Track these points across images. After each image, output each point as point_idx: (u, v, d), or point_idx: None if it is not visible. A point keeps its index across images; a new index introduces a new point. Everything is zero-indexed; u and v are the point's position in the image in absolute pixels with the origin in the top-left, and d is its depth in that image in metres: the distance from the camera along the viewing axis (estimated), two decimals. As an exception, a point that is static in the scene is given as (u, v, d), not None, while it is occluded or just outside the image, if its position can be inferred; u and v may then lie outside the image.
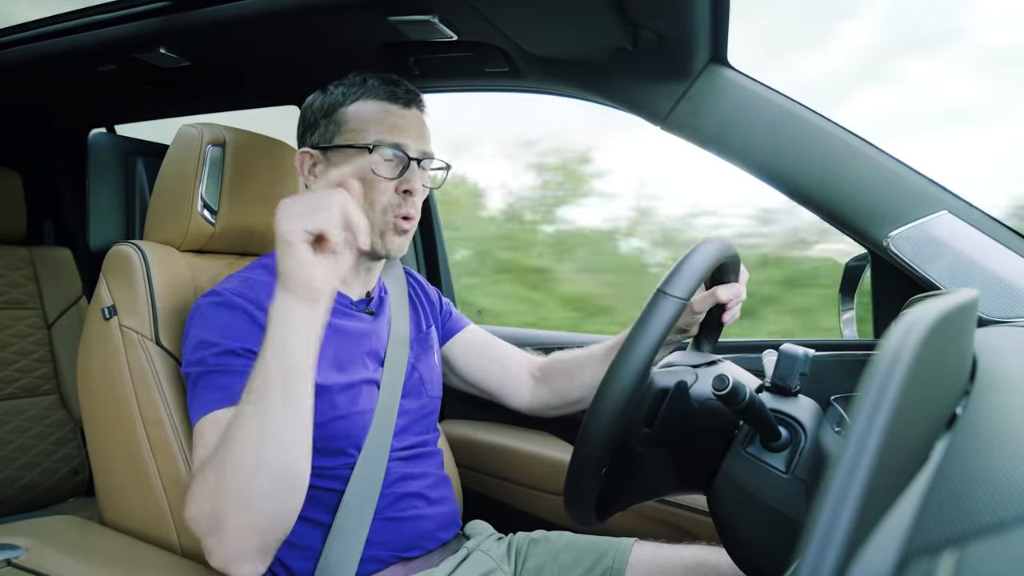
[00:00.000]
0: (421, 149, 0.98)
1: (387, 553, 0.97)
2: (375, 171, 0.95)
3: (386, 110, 0.97)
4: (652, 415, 0.81)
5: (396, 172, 0.96)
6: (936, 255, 1.02)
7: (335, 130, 0.98)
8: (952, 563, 0.25)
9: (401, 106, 0.98)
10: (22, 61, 1.42)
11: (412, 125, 0.98)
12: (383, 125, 0.96)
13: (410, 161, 0.96)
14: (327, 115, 0.99)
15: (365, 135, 0.96)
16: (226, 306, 0.90)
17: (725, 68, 1.14)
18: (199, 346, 0.88)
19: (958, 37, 2.86)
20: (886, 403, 0.29)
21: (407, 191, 0.96)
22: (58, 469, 1.80)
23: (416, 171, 0.97)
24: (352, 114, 0.98)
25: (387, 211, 0.96)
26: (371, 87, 0.98)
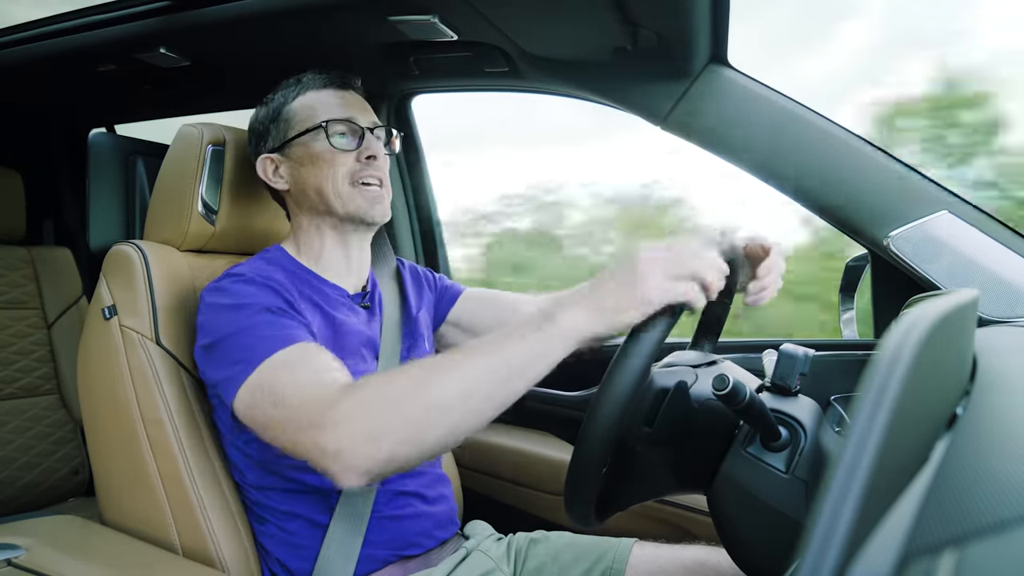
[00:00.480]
0: (371, 120, 1.03)
1: (385, 552, 0.97)
2: (334, 145, 0.99)
3: (328, 94, 1.03)
4: (652, 415, 0.81)
5: (354, 143, 1.00)
6: (936, 255, 1.02)
7: (286, 128, 1.02)
8: (952, 563, 0.25)
9: (339, 88, 1.04)
10: (22, 61, 1.42)
11: (355, 102, 1.04)
12: (328, 105, 1.01)
13: (364, 130, 1.01)
14: (274, 119, 1.04)
15: (315, 118, 1.00)
16: (249, 281, 0.91)
17: (725, 68, 1.14)
18: (231, 310, 0.87)
19: (959, 39, 2.86)
20: (886, 403, 0.29)
21: (369, 156, 1.00)
22: (58, 469, 1.80)
23: (372, 138, 1.01)
24: (297, 108, 1.03)
25: (351, 178, 0.99)
26: (307, 81, 1.04)
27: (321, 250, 1.04)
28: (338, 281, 1.04)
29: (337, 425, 0.72)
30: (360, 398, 0.73)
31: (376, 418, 0.71)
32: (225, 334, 0.86)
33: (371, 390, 0.74)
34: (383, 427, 0.71)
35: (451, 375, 0.72)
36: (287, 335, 0.84)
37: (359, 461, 0.71)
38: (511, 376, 0.71)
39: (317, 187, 0.99)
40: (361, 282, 1.09)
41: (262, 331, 0.84)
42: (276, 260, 1.02)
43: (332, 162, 0.98)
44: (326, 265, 1.04)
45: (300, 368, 0.80)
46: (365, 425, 0.71)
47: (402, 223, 1.68)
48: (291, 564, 0.95)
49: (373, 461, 0.71)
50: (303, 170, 1.01)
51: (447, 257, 1.77)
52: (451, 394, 0.71)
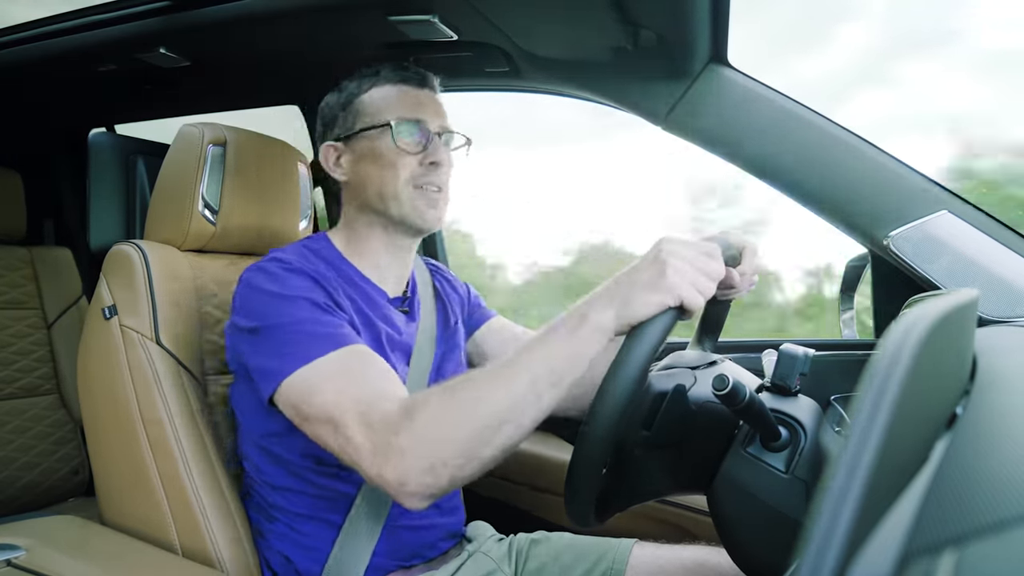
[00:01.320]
0: (440, 124, 1.00)
1: (390, 562, 0.96)
2: (399, 146, 0.96)
3: (401, 91, 0.99)
4: (650, 418, 0.81)
5: (419, 146, 0.97)
6: (936, 255, 1.02)
7: (354, 119, 1.00)
8: (952, 563, 0.25)
9: (414, 86, 1.00)
10: (22, 61, 1.42)
11: (429, 103, 1.00)
12: (400, 104, 0.98)
13: (432, 135, 0.98)
14: (344, 107, 1.01)
15: (385, 115, 0.97)
16: (295, 271, 0.89)
17: (725, 68, 1.14)
18: (279, 299, 0.85)
19: (956, 39, 2.85)
20: (886, 403, 0.29)
21: (433, 162, 0.97)
22: (58, 469, 1.80)
23: (439, 143, 0.98)
24: (368, 101, 0.99)
25: (413, 182, 0.96)
26: (384, 75, 1.00)
27: (367, 248, 1.01)
28: (380, 282, 1.02)
29: (401, 458, 0.72)
30: (417, 430, 0.73)
31: (435, 448, 0.72)
32: (273, 322, 0.84)
33: (427, 417, 0.73)
34: (442, 456, 0.72)
35: (498, 392, 0.72)
36: (340, 335, 0.83)
37: (422, 489, 0.73)
38: (554, 381, 0.72)
39: (376, 185, 0.97)
40: (402, 286, 1.06)
41: (313, 327, 0.83)
42: (321, 252, 0.99)
43: (395, 163, 0.96)
44: (371, 264, 1.01)
45: (358, 374, 0.80)
46: (425, 457, 0.72)
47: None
48: (300, 564, 0.94)
49: (435, 488, 0.73)
50: (364, 165, 0.98)
51: (447, 259, 1.77)
52: (501, 411, 0.72)
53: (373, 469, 0.74)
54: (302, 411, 0.80)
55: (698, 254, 0.71)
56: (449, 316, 1.13)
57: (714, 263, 0.72)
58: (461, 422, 0.72)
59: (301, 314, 0.84)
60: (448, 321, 1.13)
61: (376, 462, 0.73)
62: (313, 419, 0.79)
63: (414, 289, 1.10)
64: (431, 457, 0.72)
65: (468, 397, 0.73)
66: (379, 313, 0.99)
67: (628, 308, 0.70)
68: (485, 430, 0.71)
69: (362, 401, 0.77)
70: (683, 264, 0.70)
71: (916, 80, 2.76)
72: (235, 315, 0.89)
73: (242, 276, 0.91)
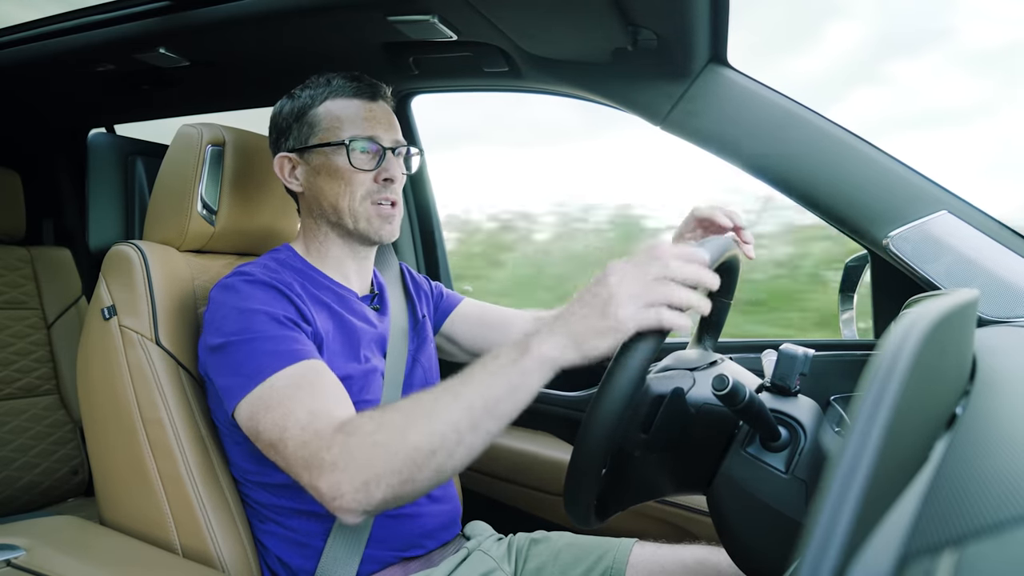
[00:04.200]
0: (393, 138, 1.02)
1: (387, 552, 0.97)
2: (354, 164, 0.98)
3: (356, 106, 1.01)
4: (649, 421, 0.81)
5: (374, 163, 0.99)
6: (936, 255, 1.02)
7: (308, 132, 1.01)
8: (952, 563, 0.25)
9: (368, 99, 1.02)
10: (22, 61, 1.42)
11: (382, 116, 1.02)
12: (355, 120, 1.00)
13: (385, 151, 1.00)
14: (298, 119, 1.02)
15: (339, 132, 0.99)
16: (259, 283, 0.91)
17: (725, 68, 1.14)
18: (240, 314, 0.88)
19: (944, 38, 2.86)
20: (886, 403, 0.29)
21: (387, 179, 1.00)
22: (58, 469, 1.80)
23: (392, 159, 1.01)
24: (323, 114, 1.01)
25: (368, 198, 0.99)
26: (337, 86, 1.01)
27: (329, 254, 1.05)
28: (345, 282, 1.05)
29: (332, 471, 0.75)
30: (350, 446, 0.75)
31: (366, 466, 0.74)
32: (233, 340, 0.87)
33: (361, 436, 0.75)
34: (374, 474, 0.73)
35: (432, 419, 0.73)
36: (295, 350, 0.85)
37: (355, 505, 0.74)
38: (489, 412, 0.73)
39: (332, 200, 1.00)
40: (367, 284, 1.10)
41: (269, 344, 0.85)
42: (286, 260, 1.02)
43: (350, 180, 0.98)
44: (334, 268, 1.05)
45: (303, 393, 0.82)
46: (357, 473, 0.74)
47: (402, 224, 1.68)
48: (293, 562, 0.95)
49: (368, 504, 0.74)
50: (320, 180, 1.00)
51: (447, 257, 1.77)
52: (434, 439, 0.73)
53: (309, 482, 0.77)
54: (254, 432, 0.84)
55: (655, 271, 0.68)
56: (418, 312, 1.18)
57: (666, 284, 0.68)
58: (393, 445, 0.73)
59: (258, 330, 0.86)
60: (417, 316, 1.17)
61: (312, 476, 0.76)
62: (261, 439, 0.83)
63: (381, 286, 1.14)
64: (364, 474, 0.74)
65: (403, 421, 0.74)
66: (351, 310, 1.02)
67: (580, 348, 0.70)
68: (416, 454, 0.73)
69: (301, 422, 0.79)
70: (634, 289, 0.68)
71: (904, 79, 2.77)
72: (204, 332, 0.92)
73: (210, 293, 0.94)
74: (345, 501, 0.74)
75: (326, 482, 0.75)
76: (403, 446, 0.73)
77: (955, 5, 3.48)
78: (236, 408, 0.85)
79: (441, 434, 0.72)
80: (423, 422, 0.73)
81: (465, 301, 1.29)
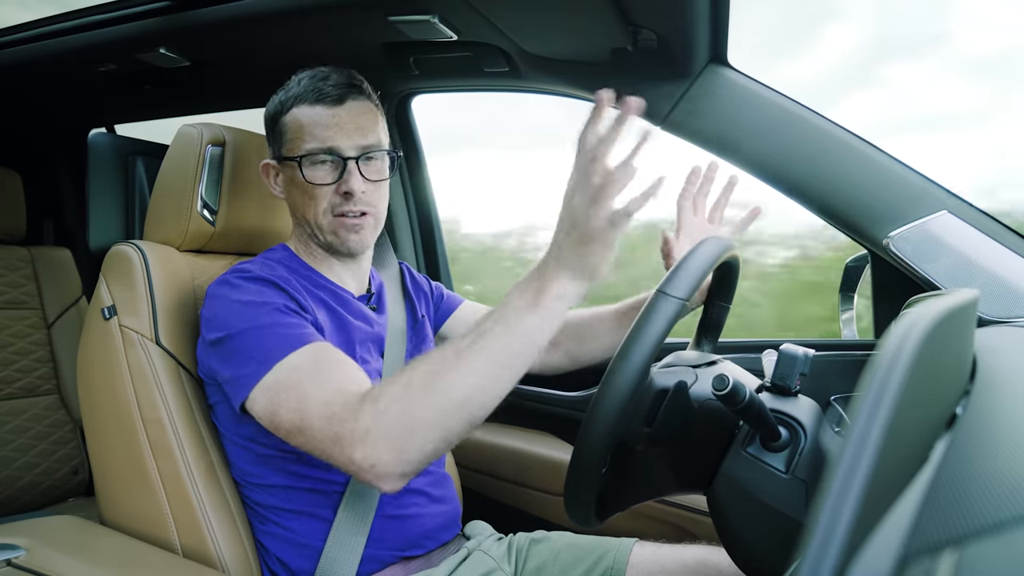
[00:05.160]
0: (358, 144, 0.97)
1: (387, 552, 0.97)
2: (310, 180, 0.96)
3: (316, 114, 0.96)
4: (652, 415, 0.81)
5: (334, 176, 0.96)
6: (936, 255, 1.02)
7: (280, 141, 1.00)
8: (952, 563, 0.25)
9: (331, 104, 0.96)
10: (23, 61, 1.42)
11: (346, 122, 0.96)
12: (315, 130, 0.96)
13: (346, 162, 0.96)
14: (272, 126, 1.02)
15: (300, 145, 0.96)
16: (257, 279, 0.91)
17: (725, 68, 1.14)
18: (243, 307, 0.88)
19: (940, 42, 2.87)
20: (886, 403, 0.29)
21: (347, 192, 0.96)
22: (58, 469, 1.80)
23: (353, 171, 0.96)
24: (289, 123, 0.98)
25: (332, 211, 0.98)
26: (302, 89, 0.97)
27: (320, 256, 1.04)
28: (341, 283, 1.05)
29: (364, 440, 0.74)
30: (379, 410, 0.74)
31: (399, 427, 0.73)
32: (238, 330, 0.86)
33: (388, 399, 0.75)
34: (407, 435, 0.73)
35: (459, 371, 0.73)
36: (302, 334, 0.85)
37: (393, 469, 0.74)
38: (516, 355, 0.73)
39: (301, 211, 1.00)
40: (363, 284, 1.10)
41: (277, 329, 0.85)
42: (282, 260, 1.02)
43: (312, 194, 0.97)
44: (327, 269, 1.04)
45: (319, 373, 0.81)
46: (390, 437, 0.73)
47: (402, 223, 1.68)
48: (293, 563, 0.95)
49: (406, 465, 0.74)
50: (292, 191, 1.01)
51: (447, 257, 1.77)
52: (464, 389, 0.73)
53: (343, 456, 0.76)
54: (271, 419, 0.83)
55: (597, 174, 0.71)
56: (417, 312, 1.17)
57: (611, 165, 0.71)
58: (421, 403, 0.73)
59: (263, 318, 0.86)
60: (416, 316, 1.16)
61: (344, 450, 0.75)
62: (282, 426, 0.82)
63: (379, 286, 1.13)
64: (398, 436, 0.73)
65: (426, 377, 0.74)
66: (349, 309, 1.02)
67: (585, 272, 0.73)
68: (448, 408, 0.73)
69: (323, 399, 0.79)
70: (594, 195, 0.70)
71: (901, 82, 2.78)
72: (203, 330, 0.92)
73: (207, 291, 0.94)
74: (382, 467, 0.74)
75: (361, 452, 0.74)
76: (435, 401, 0.73)
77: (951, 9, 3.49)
78: (248, 398, 0.83)
79: (471, 385, 0.73)
80: (451, 375, 0.73)
81: (465, 303, 1.29)
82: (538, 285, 0.74)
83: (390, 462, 0.73)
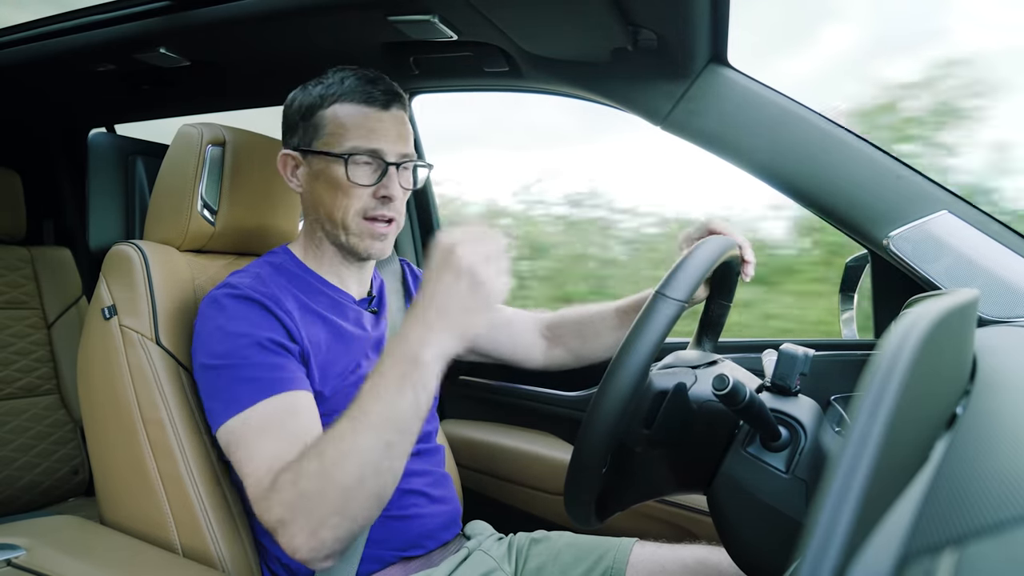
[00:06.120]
0: (400, 152, 0.97)
1: (387, 552, 0.97)
2: (351, 179, 0.95)
3: (363, 114, 0.96)
4: (651, 416, 0.81)
5: (374, 178, 0.96)
6: (936, 255, 1.02)
7: (313, 134, 0.98)
8: (952, 563, 0.25)
9: (379, 108, 0.96)
10: (23, 61, 1.42)
11: (391, 128, 0.96)
12: (360, 130, 0.95)
13: (387, 166, 0.96)
14: (305, 118, 0.98)
15: (342, 141, 0.95)
16: (244, 299, 0.91)
17: (725, 68, 1.14)
18: (225, 337, 0.88)
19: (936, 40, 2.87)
20: (886, 403, 0.29)
21: (385, 196, 0.96)
22: (58, 469, 1.80)
23: (394, 176, 0.96)
24: (330, 118, 0.96)
25: (364, 213, 0.97)
26: (348, 88, 0.96)
27: (326, 258, 1.03)
28: (342, 286, 1.04)
29: (281, 529, 0.77)
30: (284, 500, 0.76)
31: (308, 518, 0.75)
32: (217, 363, 0.87)
33: (288, 491, 0.76)
34: (316, 523, 0.75)
35: (349, 458, 0.74)
36: (275, 380, 0.86)
37: (312, 554, 0.76)
38: (400, 430, 0.74)
39: (327, 209, 0.97)
40: (365, 287, 1.09)
41: (249, 372, 0.86)
42: (282, 264, 1.01)
43: (348, 193, 0.95)
44: (331, 271, 1.04)
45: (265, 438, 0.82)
46: (303, 526, 0.75)
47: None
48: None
49: (323, 549, 0.76)
50: (319, 186, 0.98)
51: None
52: (356, 474, 0.74)
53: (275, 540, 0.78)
54: (230, 457, 0.86)
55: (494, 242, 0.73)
56: None
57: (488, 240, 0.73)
58: (320, 488, 0.74)
59: (242, 357, 0.87)
60: None
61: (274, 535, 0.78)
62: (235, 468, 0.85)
63: (380, 287, 1.13)
64: (307, 524, 0.75)
65: (320, 464, 0.75)
66: (347, 317, 1.01)
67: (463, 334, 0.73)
68: (345, 490, 0.74)
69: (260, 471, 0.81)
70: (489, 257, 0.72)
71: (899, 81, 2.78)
72: (194, 345, 0.92)
73: (200, 303, 0.94)
74: (303, 552, 0.76)
75: (283, 539, 0.76)
76: (330, 488, 0.74)
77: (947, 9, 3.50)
78: (216, 432, 0.87)
79: (361, 464, 0.74)
80: (342, 463, 0.74)
81: None
82: (413, 356, 0.73)
83: (308, 547, 0.75)
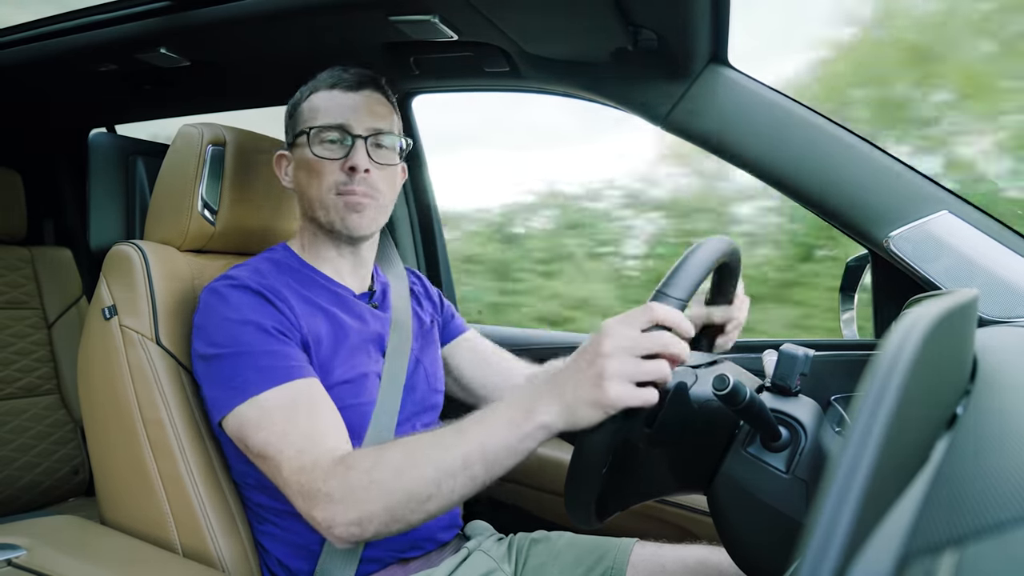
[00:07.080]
0: (368, 126, 0.98)
1: (387, 553, 0.97)
2: (316, 153, 0.97)
3: (332, 96, 0.99)
4: (652, 416, 0.81)
5: (340, 152, 0.97)
6: (936, 255, 1.02)
7: (294, 126, 1.02)
8: (952, 563, 0.25)
9: (347, 89, 0.99)
10: (23, 61, 1.42)
11: (360, 104, 0.99)
12: (329, 109, 0.98)
13: (355, 139, 0.97)
14: (291, 115, 1.04)
15: (313, 122, 0.98)
16: (246, 289, 0.91)
17: (725, 68, 1.14)
18: (228, 324, 0.88)
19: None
20: (886, 403, 0.29)
21: (352, 168, 0.96)
22: (58, 469, 1.80)
23: (361, 148, 0.96)
24: (306, 108, 1.01)
25: (336, 188, 0.97)
26: (322, 78, 1.01)
27: (321, 251, 1.04)
28: (341, 280, 1.05)
29: (328, 504, 0.77)
30: (349, 481, 0.77)
31: (362, 506, 0.76)
32: (222, 351, 0.87)
33: (358, 474, 0.77)
34: (368, 514, 0.76)
35: (429, 465, 0.74)
36: (287, 368, 0.86)
37: (347, 535, 0.77)
38: (486, 466, 0.74)
39: (307, 193, 0.99)
40: (366, 282, 1.09)
41: (260, 359, 0.86)
42: (281, 260, 1.02)
43: (319, 171, 0.97)
44: (328, 266, 1.04)
45: (297, 419, 0.83)
46: (352, 511, 0.76)
47: (402, 223, 1.68)
48: (292, 564, 0.95)
49: (360, 536, 0.78)
50: (299, 173, 1.01)
51: (447, 257, 1.77)
52: (430, 485, 0.74)
53: (303, 507, 0.79)
54: (244, 444, 0.85)
55: (648, 344, 0.68)
56: (425, 316, 1.16)
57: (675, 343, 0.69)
58: (390, 485, 0.75)
59: (249, 344, 0.87)
60: (422, 318, 1.15)
61: (306, 503, 0.78)
62: (253, 453, 0.84)
63: (384, 284, 1.13)
64: (358, 511, 0.76)
65: (401, 463, 0.76)
66: (347, 310, 1.01)
67: (572, 418, 0.71)
68: (413, 498, 0.74)
69: (298, 444, 0.81)
70: (627, 367, 0.68)
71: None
72: (194, 337, 0.92)
73: (200, 295, 0.94)
74: (337, 531, 0.77)
75: (321, 513, 0.77)
76: (399, 488, 0.75)
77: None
78: (223, 421, 0.86)
79: (436, 481, 0.74)
80: (421, 467, 0.74)
81: (471, 331, 1.26)
82: (528, 408, 0.73)
83: (346, 530, 0.77)
